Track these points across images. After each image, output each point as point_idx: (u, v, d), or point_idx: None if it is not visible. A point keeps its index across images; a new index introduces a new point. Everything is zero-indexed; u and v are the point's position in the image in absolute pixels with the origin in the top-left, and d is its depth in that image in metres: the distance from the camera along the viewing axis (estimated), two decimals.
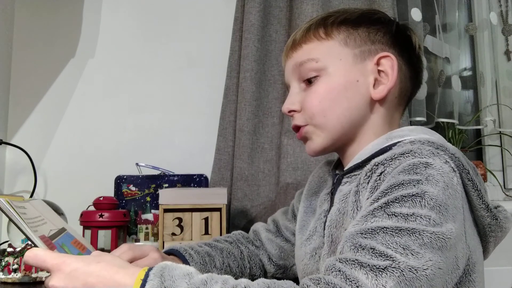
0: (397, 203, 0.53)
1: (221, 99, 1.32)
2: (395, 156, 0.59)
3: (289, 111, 0.73)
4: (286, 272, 0.90)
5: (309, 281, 0.49)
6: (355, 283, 0.46)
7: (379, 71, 0.70)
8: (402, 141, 0.63)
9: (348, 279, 0.47)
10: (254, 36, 1.28)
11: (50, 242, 0.59)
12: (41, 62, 1.35)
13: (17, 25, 1.36)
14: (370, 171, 0.62)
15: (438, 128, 1.51)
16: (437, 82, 1.51)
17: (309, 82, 0.72)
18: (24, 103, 1.34)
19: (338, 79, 0.69)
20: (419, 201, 0.52)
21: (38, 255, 0.52)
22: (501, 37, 1.59)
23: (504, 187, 1.57)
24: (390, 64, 0.69)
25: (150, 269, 0.50)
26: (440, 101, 1.49)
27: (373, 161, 0.62)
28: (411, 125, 1.36)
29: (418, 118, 1.41)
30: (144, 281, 0.48)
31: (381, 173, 0.59)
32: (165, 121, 1.38)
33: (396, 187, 0.54)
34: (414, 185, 0.54)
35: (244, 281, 0.50)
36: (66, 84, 1.36)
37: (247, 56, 1.27)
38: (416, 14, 1.45)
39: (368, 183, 0.61)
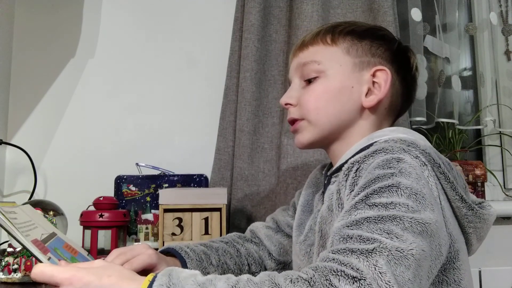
0: (376, 194, 0.57)
1: (221, 99, 1.32)
2: (369, 154, 0.64)
3: (286, 104, 0.80)
4: (286, 267, 0.92)
5: (308, 269, 0.51)
6: (350, 266, 0.49)
7: (373, 82, 0.76)
8: (379, 140, 0.68)
9: (343, 263, 0.50)
10: (254, 36, 1.28)
11: (43, 246, 0.59)
12: (41, 62, 1.35)
13: (17, 25, 1.36)
14: (347, 170, 0.66)
15: (438, 128, 1.51)
16: (437, 82, 1.50)
17: (309, 81, 0.78)
18: (24, 103, 1.34)
19: (335, 82, 0.75)
20: (395, 191, 0.57)
21: (45, 271, 0.52)
22: (501, 37, 1.59)
23: (504, 187, 1.57)
24: (384, 77, 0.75)
25: (157, 273, 0.52)
26: (440, 101, 1.49)
27: (350, 160, 0.67)
28: (411, 125, 1.38)
29: (418, 118, 1.41)
30: (152, 281, 0.50)
31: (357, 170, 0.64)
32: (165, 121, 1.38)
33: (373, 181, 0.59)
34: (389, 177, 0.58)
35: (245, 275, 0.52)
36: (66, 84, 1.36)
37: (247, 56, 1.27)
38: (416, 14, 1.45)
39: (346, 180, 0.65)
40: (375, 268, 0.48)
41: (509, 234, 1.35)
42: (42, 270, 0.52)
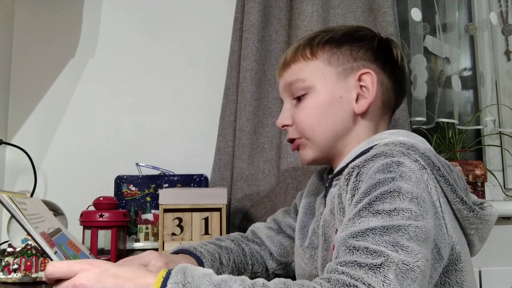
0: (379, 201, 0.57)
1: (221, 99, 1.32)
2: (369, 158, 0.64)
3: (282, 126, 0.80)
4: (287, 268, 0.92)
5: (321, 280, 0.52)
6: (361, 281, 0.50)
7: (361, 86, 0.75)
8: (378, 144, 0.69)
9: (354, 278, 0.50)
10: (254, 36, 1.28)
11: (50, 239, 0.59)
12: (41, 62, 1.35)
13: (17, 25, 1.36)
14: (348, 174, 0.66)
15: (438, 128, 1.51)
16: (437, 82, 1.50)
17: (299, 99, 0.78)
18: (24, 103, 1.34)
19: (324, 96, 0.75)
20: (397, 196, 0.57)
21: (60, 264, 0.52)
22: (501, 37, 1.59)
23: (504, 187, 1.57)
24: (370, 79, 0.74)
25: (171, 269, 0.52)
26: (440, 101, 1.49)
27: (350, 165, 0.66)
28: (411, 125, 1.38)
29: (418, 118, 1.41)
30: (166, 278, 0.50)
31: (357, 174, 0.63)
32: (165, 121, 1.38)
33: (374, 186, 0.59)
34: (389, 182, 0.58)
35: (260, 280, 0.52)
36: (66, 84, 1.36)
37: (247, 56, 1.27)
38: (416, 14, 1.45)
39: (347, 185, 0.65)
40: (383, 284, 0.49)
41: (509, 234, 1.35)
42: (56, 265, 0.52)
